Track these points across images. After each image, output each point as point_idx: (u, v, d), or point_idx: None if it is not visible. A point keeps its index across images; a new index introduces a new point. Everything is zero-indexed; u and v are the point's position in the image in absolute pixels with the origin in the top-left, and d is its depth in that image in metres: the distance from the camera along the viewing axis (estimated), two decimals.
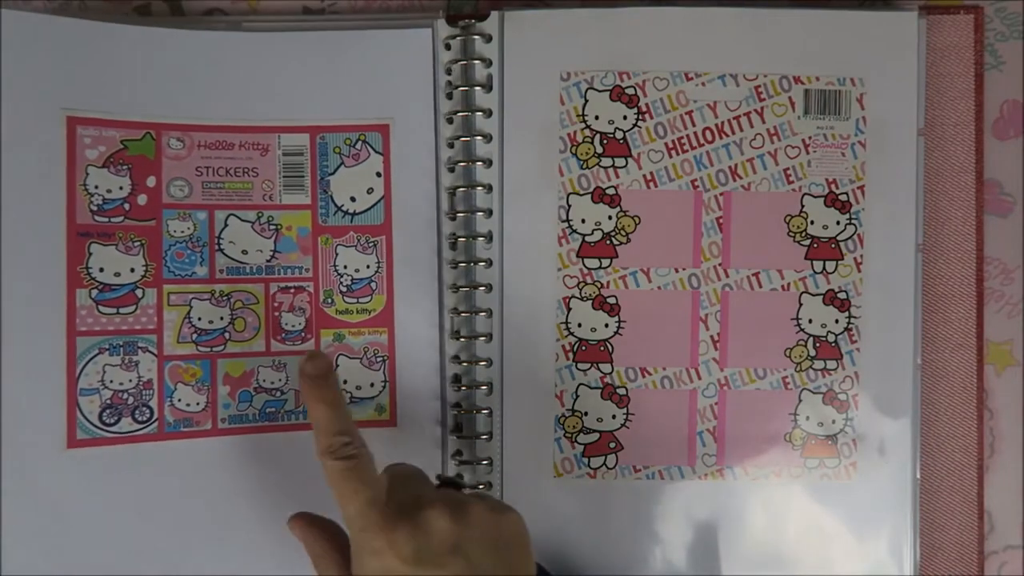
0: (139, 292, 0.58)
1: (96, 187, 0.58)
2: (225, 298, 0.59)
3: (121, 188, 0.58)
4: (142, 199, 0.59)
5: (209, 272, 0.59)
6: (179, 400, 0.59)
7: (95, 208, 0.58)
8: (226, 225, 0.60)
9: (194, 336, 0.59)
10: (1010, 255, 0.63)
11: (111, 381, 0.58)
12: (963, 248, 0.61)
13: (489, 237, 0.60)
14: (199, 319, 0.59)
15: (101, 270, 0.58)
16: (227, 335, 0.60)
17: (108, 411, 0.58)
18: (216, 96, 0.59)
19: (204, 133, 0.59)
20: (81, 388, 0.57)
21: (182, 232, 0.59)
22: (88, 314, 0.58)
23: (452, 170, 0.60)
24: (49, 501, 0.57)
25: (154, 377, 0.59)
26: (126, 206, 0.58)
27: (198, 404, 0.59)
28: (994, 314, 0.63)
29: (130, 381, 0.58)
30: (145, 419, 0.58)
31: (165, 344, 0.59)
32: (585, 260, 0.60)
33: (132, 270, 0.58)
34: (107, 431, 0.58)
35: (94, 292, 0.58)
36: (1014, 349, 0.63)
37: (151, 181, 0.59)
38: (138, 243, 0.58)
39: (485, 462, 0.60)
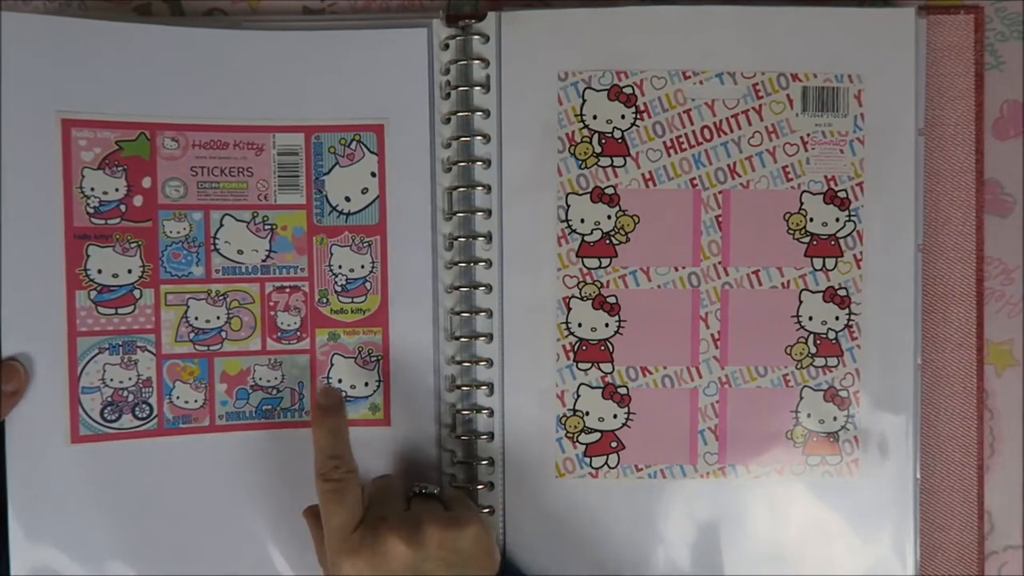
0: (137, 293, 0.58)
1: (92, 189, 0.58)
2: (221, 297, 0.60)
3: (117, 190, 0.58)
4: (138, 200, 0.59)
5: (205, 272, 0.59)
6: (177, 398, 0.59)
7: (92, 210, 0.58)
8: (221, 225, 0.60)
9: (191, 335, 0.59)
10: (1010, 255, 0.63)
11: (111, 380, 0.58)
12: (963, 248, 0.61)
13: (488, 237, 0.60)
14: (196, 318, 0.59)
15: (99, 271, 0.58)
16: (224, 334, 0.60)
17: (109, 408, 0.58)
18: (211, 95, 0.59)
19: (199, 132, 0.59)
20: (83, 387, 0.58)
21: (178, 232, 0.59)
22: (88, 315, 0.58)
23: (449, 170, 0.60)
24: (54, 495, 0.58)
25: (153, 375, 0.59)
26: (122, 207, 0.58)
27: (196, 401, 0.59)
28: (994, 314, 0.63)
29: (130, 379, 0.59)
30: (145, 416, 0.59)
31: (163, 343, 0.59)
32: (585, 260, 0.60)
33: (129, 271, 0.58)
34: (108, 427, 0.58)
35: (93, 293, 0.58)
36: (1014, 349, 0.63)
37: (146, 182, 0.59)
38: (135, 244, 0.58)
39: (486, 462, 0.60)
